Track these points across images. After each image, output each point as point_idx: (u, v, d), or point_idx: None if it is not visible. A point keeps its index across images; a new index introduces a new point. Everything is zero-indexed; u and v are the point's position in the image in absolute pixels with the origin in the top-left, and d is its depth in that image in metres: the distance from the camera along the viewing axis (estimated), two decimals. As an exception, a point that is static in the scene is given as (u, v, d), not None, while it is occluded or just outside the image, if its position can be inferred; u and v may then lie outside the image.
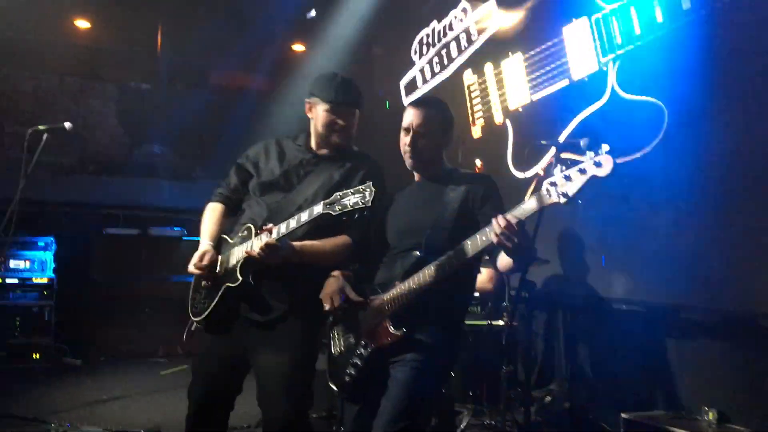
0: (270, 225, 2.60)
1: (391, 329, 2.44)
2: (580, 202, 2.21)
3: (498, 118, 5.78)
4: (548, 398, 4.70)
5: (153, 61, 8.45)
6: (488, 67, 5.90)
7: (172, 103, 8.32)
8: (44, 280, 7.02)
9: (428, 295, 2.41)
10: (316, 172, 2.85)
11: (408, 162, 2.73)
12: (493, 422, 4.47)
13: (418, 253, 2.50)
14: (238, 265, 2.70)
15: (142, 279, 7.48)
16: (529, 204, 2.23)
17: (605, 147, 2.14)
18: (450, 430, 4.15)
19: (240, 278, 2.68)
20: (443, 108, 2.81)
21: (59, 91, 8.01)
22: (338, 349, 2.64)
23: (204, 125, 8.08)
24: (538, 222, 3.06)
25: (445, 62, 6.59)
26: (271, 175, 2.90)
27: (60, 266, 7.21)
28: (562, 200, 2.16)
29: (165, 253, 7.67)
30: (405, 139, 2.70)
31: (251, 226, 2.76)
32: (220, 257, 2.84)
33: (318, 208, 2.44)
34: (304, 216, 2.50)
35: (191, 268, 2.82)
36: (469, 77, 6.19)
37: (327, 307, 2.60)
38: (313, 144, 2.93)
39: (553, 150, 4.45)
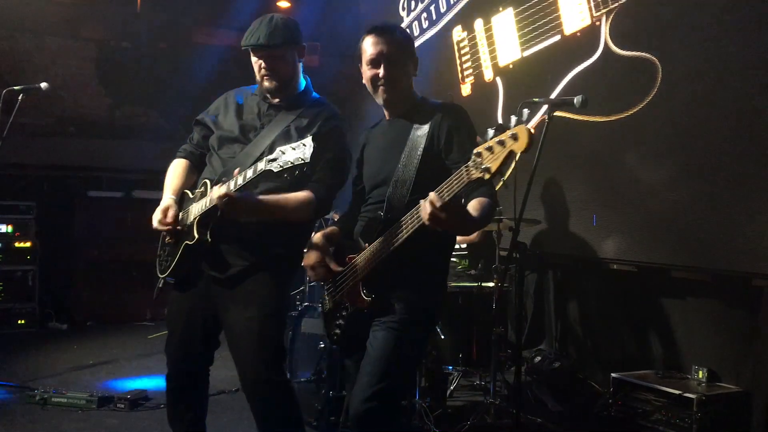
0: (225, 179, 2.54)
1: (363, 295, 2.38)
2: (504, 181, 2.02)
3: (488, 75, 5.67)
4: (538, 358, 4.72)
5: (133, 20, 8.23)
6: (478, 23, 5.76)
7: (153, 62, 8.14)
8: (27, 245, 6.93)
9: (402, 255, 2.31)
10: (273, 123, 2.77)
11: (382, 97, 2.55)
12: (483, 383, 4.48)
13: (381, 214, 2.40)
14: (195, 222, 2.66)
15: (127, 242, 7.37)
16: (456, 180, 2.04)
17: (525, 113, 1.93)
18: (441, 392, 4.14)
19: (196, 236, 2.64)
20: (404, 31, 2.65)
21: (37, 50, 7.80)
22: (328, 306, 2.60)
23: (187, 84, 7.92)
24: (529, 183, 3.00)
25: (434, 18, 6.44)
26: (229, 128, 2.84)
27: (43, 230, 7.13)
28: (486, 176, 1.94)
29: (150, 215, 7.52)
30: (376, 71, 2.51)
31: (207, 181, 2.72)
32: (180, 213, 2.78)
33: (261, 165, 2.38)
34: (249, 173, 2.44)
35: (155, 223, 2.76)
36: (458, 33, 6.06)
37: (311, 278, 2.55)
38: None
39: (545, 108, 4.37)
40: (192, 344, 2.80)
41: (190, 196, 2.81)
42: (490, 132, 1.96)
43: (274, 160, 2.33)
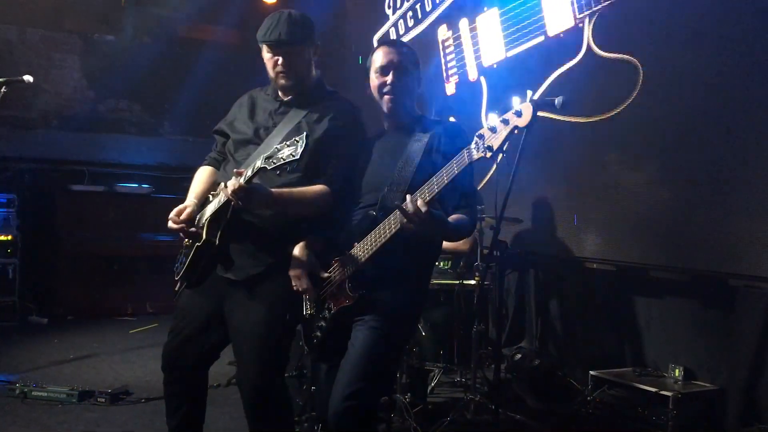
0: (242, 169, 2.49)
1: (349, 291, 2.41)
2: (505, 155, 2.15)
3: (472, 74, 5.70)
4: (518, 356, 4.75)
5: (117, 12, 8.19)
6: (463, 23, 5.80)
7: (138, 55, 8.10)
8: (8, 238, 6.86)
9: (388, 255, 2.36)
10: (284, 120, 2.76)
11: (387, 106, 2.62)
12: (463, 380, 4.51)
13: (373, 213, 2.45)
14: (206, 224, 2.66)
15: (109, 236, 7.34)
16: (457, 162, 2.17)
17: (529, 93, 2.08)
18: (421, 388, 4.17)
19: (204, 237, 2.64)
20: (412, 48, 2.75)
21: (20, 43, 7.74)
22: (309, 311, 2.61)
23: (171, 79, 7.89)
24: (511, 181, 3.03)
25: (420, 17, 6.47)
26: (242, 131, 2.83)
27: (24, 224, 7.06)
28: (488, 154, 2.08)
29: (132, 210, 7.54)
30: (385, 78, 2.59)
31: (223, 183, 2.66)
32: (198, 216, 2.78)
33: (258, 163, 2.37)
34: (249, 171, 2.43)
35: (169, 223, 2.75)
36: (443, 32, 6.09)
37: (297, 288, 2.55)
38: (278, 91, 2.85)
39: (527, 107, 4.40)
40: (194, 344, 2.78)
41: (211, 199, 2.79)
42: (492, 116, 2.09)
43: (269, 157, 2.33)
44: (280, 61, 2.70)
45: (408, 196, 2.21)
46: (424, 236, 2.26)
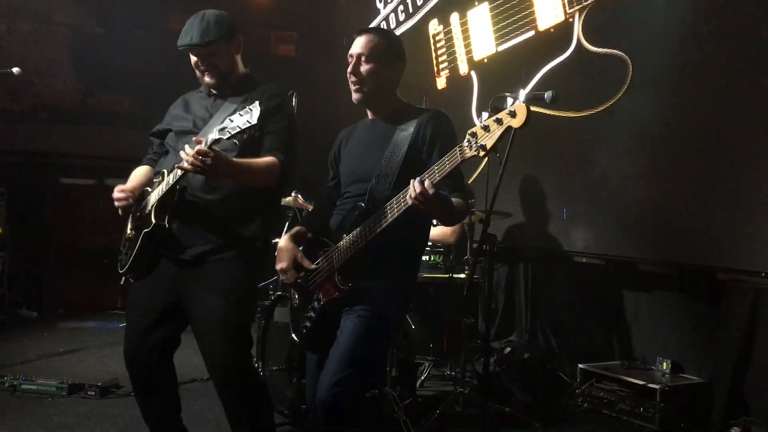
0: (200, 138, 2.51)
1: (339, 283, 2.42)
2: (497, 155, 2.14)
3: (463, 68, 5.71)
4: (508, 349, 4.77)
5: (108, 4, 8.14)
6: (454, 17, 5.80)
7: (128, 48, 8.05)
8: (-3, 231, 6.84)
9: (377, 246, 2.37)
10: (220, 111, 2.81)
11: (353, 95, 2.59)
12: (453, 373, 4.53)
13: (362, 204, 2.45)
14: (153, 208, 2.68)
15: (98, 230, 7.30)
16: (449, 160, 2.15)
17: (522, 93, 2.08)
18: (411, 381, 4.19)
19: (153, 221, 2.65)
20: (390, 36, 2.71)
21: (9, 35, 7.68)
22: (297, 301, 2.62)
23: (162, 72, 7.84)
24: (501, 175, 3.04)
25: (411, 11, 6.47)
26: (181, 124, 2.89)
27: (14, 217, 7.03)
28: (481, 153, 2.05)
29: (123, 203, 7.50)
30: (349, 70, 2.57)
31: (164, 171, 2.73)
32: (143, 204, 2.81)
33: (212, 135, 2.41)
34: (210, 137, 2.45)
35: (116, 194, 2.81)
36: (434, 27, 6.09)
37: (284, 281, 2.56)
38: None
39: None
40: (153, 336, 2.77)
41: (150, 191, 2.81)
42: (485, 115, 2.05)
43: (223, 129, 2.38)
44: (199, 62, 2.81)
45: (416, 181, 2.17)
46: (430, 215, 2.25)
